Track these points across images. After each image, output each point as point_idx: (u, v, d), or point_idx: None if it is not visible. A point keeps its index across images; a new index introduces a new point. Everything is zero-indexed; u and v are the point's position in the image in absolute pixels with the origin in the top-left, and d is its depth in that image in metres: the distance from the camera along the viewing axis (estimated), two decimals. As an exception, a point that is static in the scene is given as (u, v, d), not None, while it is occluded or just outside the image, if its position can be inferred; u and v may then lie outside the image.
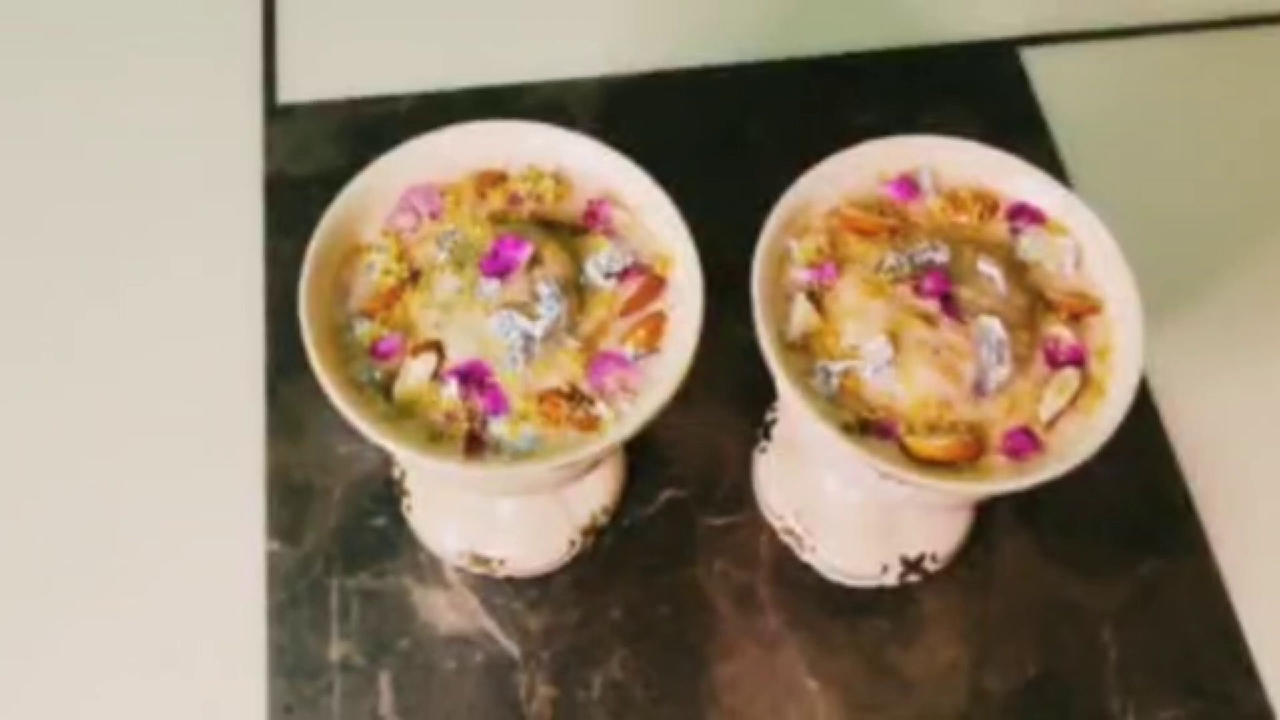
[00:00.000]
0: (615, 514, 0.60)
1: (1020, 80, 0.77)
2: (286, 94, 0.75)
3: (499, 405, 0.47)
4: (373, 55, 0.77)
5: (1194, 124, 0.77)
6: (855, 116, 0.75)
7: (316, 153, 0.72)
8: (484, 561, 0.59)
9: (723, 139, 0.73)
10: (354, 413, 0.45)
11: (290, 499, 0.61)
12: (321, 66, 0.76)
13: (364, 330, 0.48)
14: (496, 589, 0.59)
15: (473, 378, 0.47)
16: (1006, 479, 0.46)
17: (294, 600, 0.59)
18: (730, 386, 0.61)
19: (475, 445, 0.46)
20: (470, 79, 0.75)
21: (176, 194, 0.71)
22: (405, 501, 0.60)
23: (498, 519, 0.59)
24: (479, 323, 0.47)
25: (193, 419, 0.64)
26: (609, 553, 0.60)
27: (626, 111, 0.74)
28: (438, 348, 0.48)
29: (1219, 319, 0.69)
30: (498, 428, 0.47)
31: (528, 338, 0.47)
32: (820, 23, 0.79)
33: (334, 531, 0.60)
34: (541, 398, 0.47)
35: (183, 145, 0.73)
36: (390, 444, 0.45)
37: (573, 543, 0.59)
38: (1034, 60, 0.78)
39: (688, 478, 0.62)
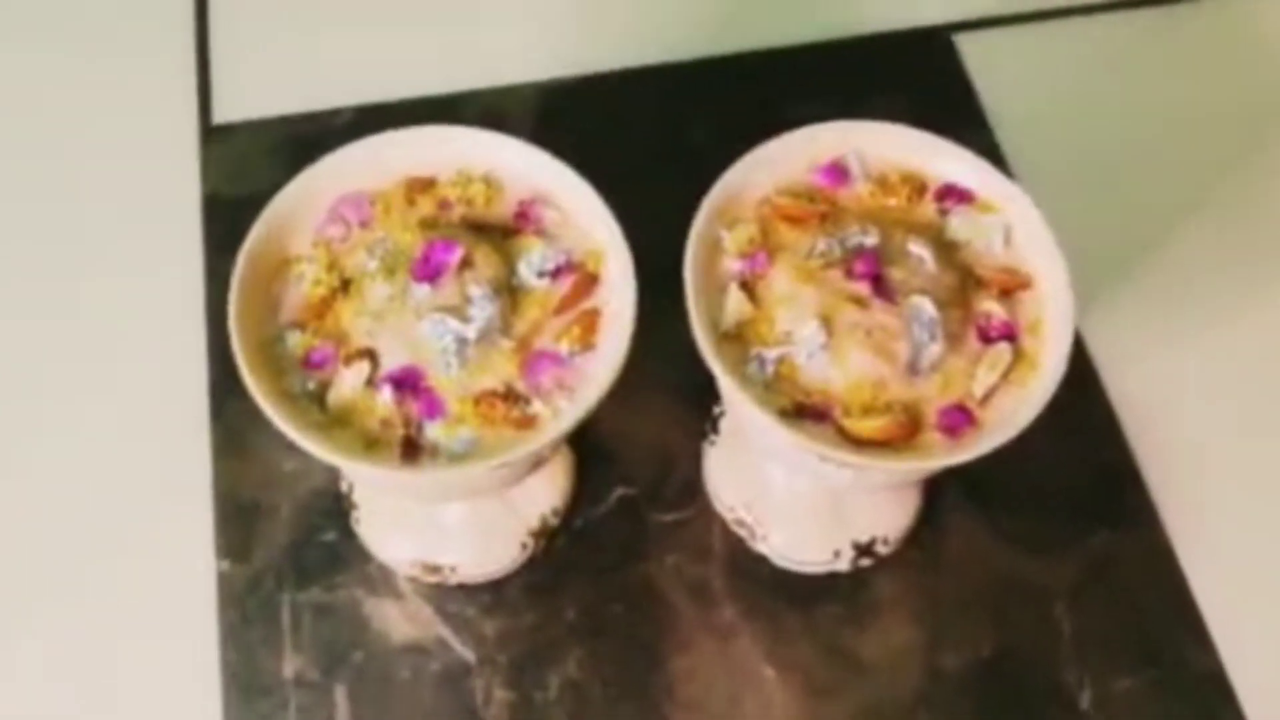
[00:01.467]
0: (566, 515, 0.60)
1: (955, 66, 0.78)
2: (222, 113, 0.74)
3: (434, 409, 0.47)
4: (309, 70, 0.76)
5: (1127, 102, 0.77)
6: (797, 110, 0.73)
7: (253, 171, 0.71)
8: (435, 570, 0.58)
9: (665, 138, 0.73)
10: (288, 424, 0.45)
11: (239, 517, 0.61)
12: (257, 84, 0.76)
13: (296, 341, 0.48)
14: (449, 596, 0.59)
15: (407, 383, 0.47)
16: (943, 455, 0.47)
17: (246, 618, 0.58)
18: (677, 382, 0.61)
19: (412, 450, 0.46)
20: (408, 90, 0.75)
21: (115, 216, 0.71)
22: (354, 515, 0.60)
23: (447, 526, 0.58)
24: (411, 328, 0.47)
25: (138, 440, 0.63)
26: (561, 554, 0.60)
27: (567, 114, 0.74)
28: (371, 355, 0.48)
29: (1157, 291, 0.70)
30: (434, 431, 0.47)
31: (461, 340, 0.47)
32: (759, 17, 0.79)
33: (284, 548, 0.60)
34: (477, 399, 0.47)
35: (120, 167, 0.72)
36: (325, 453, 0.45)
37: (524, 546, 0.59)
38: (968, 45, 0.79)
39: (638, 475, 0.62)
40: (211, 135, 0.74)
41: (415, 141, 0.52)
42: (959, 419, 0.48)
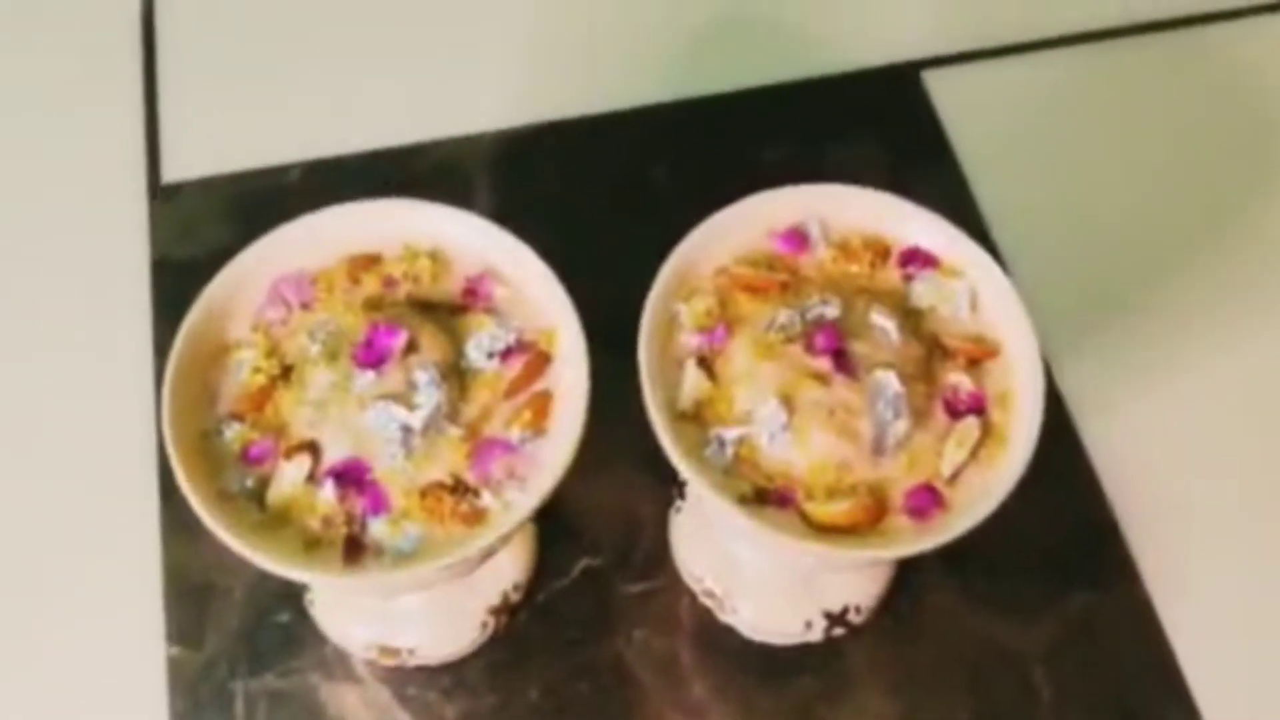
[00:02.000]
0: (529, 589, 0.58)
1: (923, 103, 0.76)
2: (171, 172, 0.72)
3: (379, 504, 0.45)
4: (259, 126, 0.74)
5: (1098, 135, 0.76)
6: (763, 152, 0.74)
7: (204, 232, 0.69)
8: (393, 652, 0.56)
9: (628, 186, 0.71)
10: (225, 529, 0.43)
11: (189, 600, 0.59)
12: (207, 142, 0.73)
13: (234, 434, 0.46)
14: (409, 679, 0.57)
15: (350, 477, 0.45)
16: (910, 542, 0.45)
17: (198, 706, 0.56)
18: (641, 448, 0.56)
19: (355, 549, 0.44)
20: (362, 143, 0.73)
21: (61, 281, 0.68)
22: (308, 596, 0.58)
23: (404, 608, 0.56)
24: (355, 418, 0.45)
25: (84, 519, 0.61)
26: (524, 631, 0.58)
27: (526, 163, 0.72)
28: (312, 448, 0.46)
29: (1135, 337, 0.68)
30: (378, 528, 0.45)
31: (406, 430, 0.45)
32: (721, 60, 0.77)
33: (237, 632, 0.58)
34: (424, 492, 0.45)
35: (66, 230, 0.70)
36: (261, 559, 0.43)
37: (484, 625, 0.57)
38: (935, 82, 0.77)
39: (603, 545, 0.60)
40: (160, 195, 0.72)
41: (357, 217, 0.50)
42: (926, 501, 0.46)
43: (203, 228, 0.70)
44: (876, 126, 0.76)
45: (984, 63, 0.79)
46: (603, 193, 0.71)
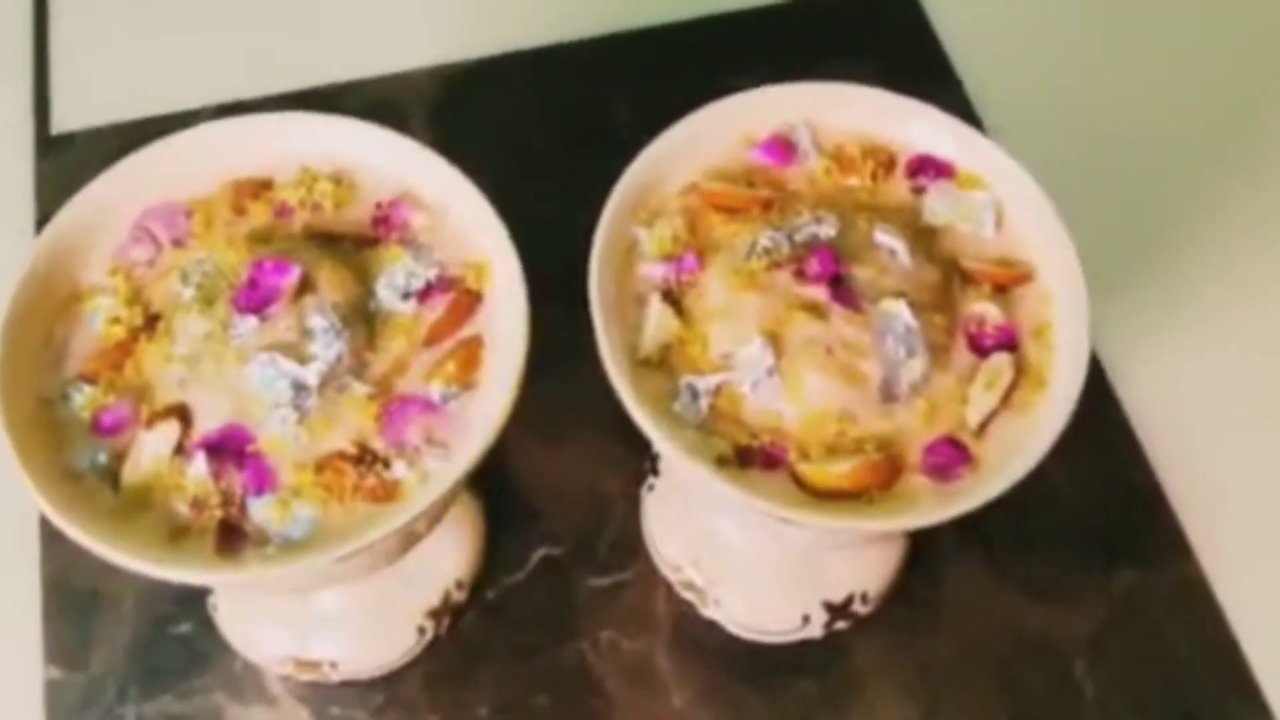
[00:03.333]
0: (476, 586, 0.51)
1: (920, 24, 0.69)
2: (61, 122, 0.65)
3: (263, 481, 0.37)
4: (163, 68, 0.67)
5: (1117, 57, 0.68)
6: (734, 81, 0.65)
7: (96, 186, 0.60)
8: (312, 665, 0.48)
9: (582, 124, 0.65)
10: (63, 515, 0.35)
11: (72, 611, 0.51)
12: (103, 86, 0.66)
13: (84, 399, 0.38)
14: (332, 697, 0.49)
15: (228, 448, 0.38)
16: (931, 508, 0.38)
17: None
18: (608, 414, 0.50)
19: (231, 538, 0.36)
20: (280, 84, 0.65)
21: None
22: (211, 600, 0.50)
23: (324, 611, 0.48)
24: (234, 374, 0.38)
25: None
26: (471, 635, 0.51)
27: (468, 102, 0.66)
28: (181, 413, 0.38)
29: (1170, 282, 0.61)
30: (262, 511, 0.37)
31: (298, 387, 0.38)
32: None
33: (128, 647, 0.51)
34: (320, 465, 0.38)
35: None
36: (111, 552, 0.35)
37: (422, 630, 0.49)
38: (935, 5, 0.69)
39: (564, 531, 0.53)
40: (49, 147, 0.63)
41: (242, 134, 0.43)
42: (950, 456, 0.39)
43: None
44: (866, 52, 0.68)
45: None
46: (555, 131, 0.64)
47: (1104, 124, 0.66)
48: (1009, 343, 0.40)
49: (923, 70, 0.67)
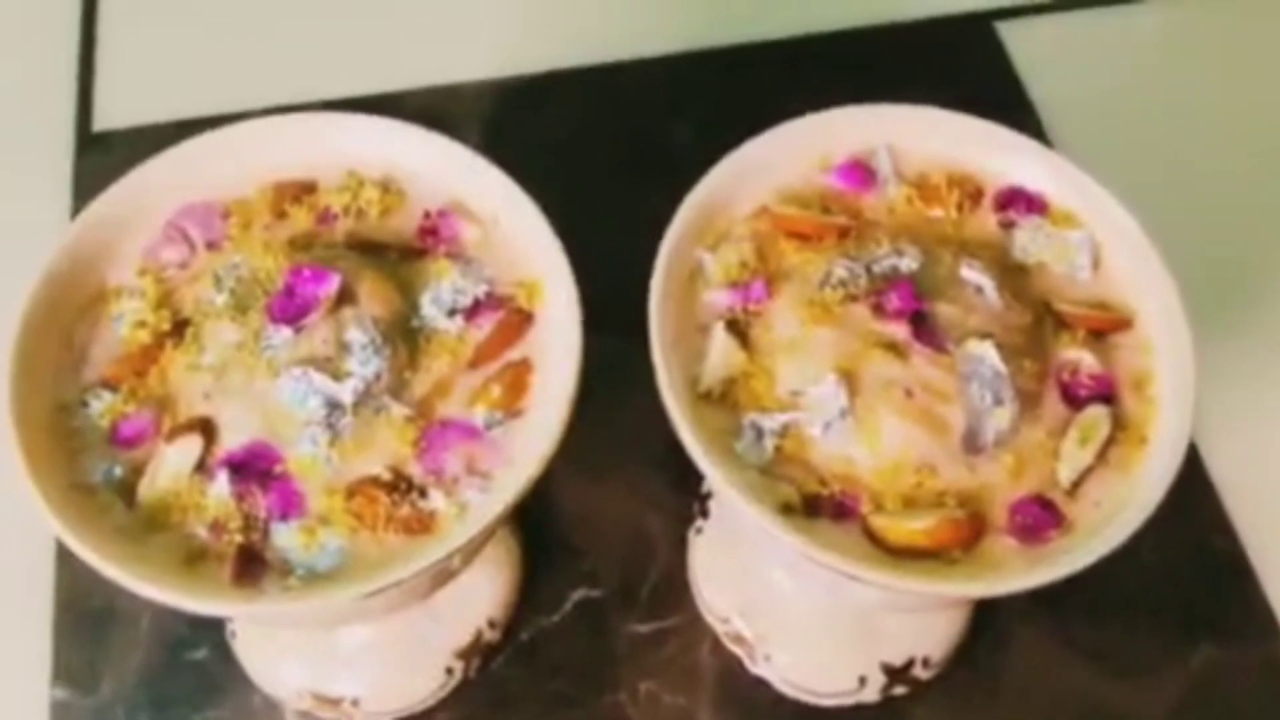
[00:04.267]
0: (509, 627, 0.49)
1: (998, 56, 0.66)
2: (104, 119, 0.63)
3: (289, 505, 0.35)
4: (212, 69, 0.65)
5: (1198, 97, 0.65)
6: (800, 107, 0.63)
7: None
8: (332, 702, 0.46)
9: (638, 146, 0.62)
10: (70, 530, 0.32)
11: (84, 630, 0.48)
12: (149, 85, 0.64)
13: (102, 407, 0.36)
14: None
15: (253, 468, 0.35)
16: (1019, 573, 0.34)
17: None
18: (657, 451, 0.48)
19: (250, 565, 0.34)
20: (328, 90, 0.63)
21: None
22: (230, 627, 0.47)
23: (349, 645, 0.45)
24: (264, 388, 0.35)
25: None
26: (502, 680, 0.48)
27: (522, 119, 0.63)
28: (205, 427, 0.35)
29: (1263, 335, 0.57)
30: (286, 537, 0.34)
31: (332, 406, 0.35)
32: (754, 4, 0.68)
33: (140, 671, 0.48)
34: (351, 491, 0.35)
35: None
36: (119, 574, 0.32)
37: (450, 671, 0.46)
38: (1012, 34, 0.67)
39: (605, 572, 0.51)
40: (90, 144, 0.62)
41: (288, 133, 0.40)
42: (1039, 517, 0.36)
43: (136, 183, 0.59)
44: (940, 81, 0.63)
45: (1067, 14, 0.69)
46: (611, 152, 0.62)
47: (1186, 161, 0.62)
48: (1106, 394, 0.38)
49: (997, 99, 0.64)
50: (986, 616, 0.49)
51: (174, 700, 0.47)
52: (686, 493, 0.51)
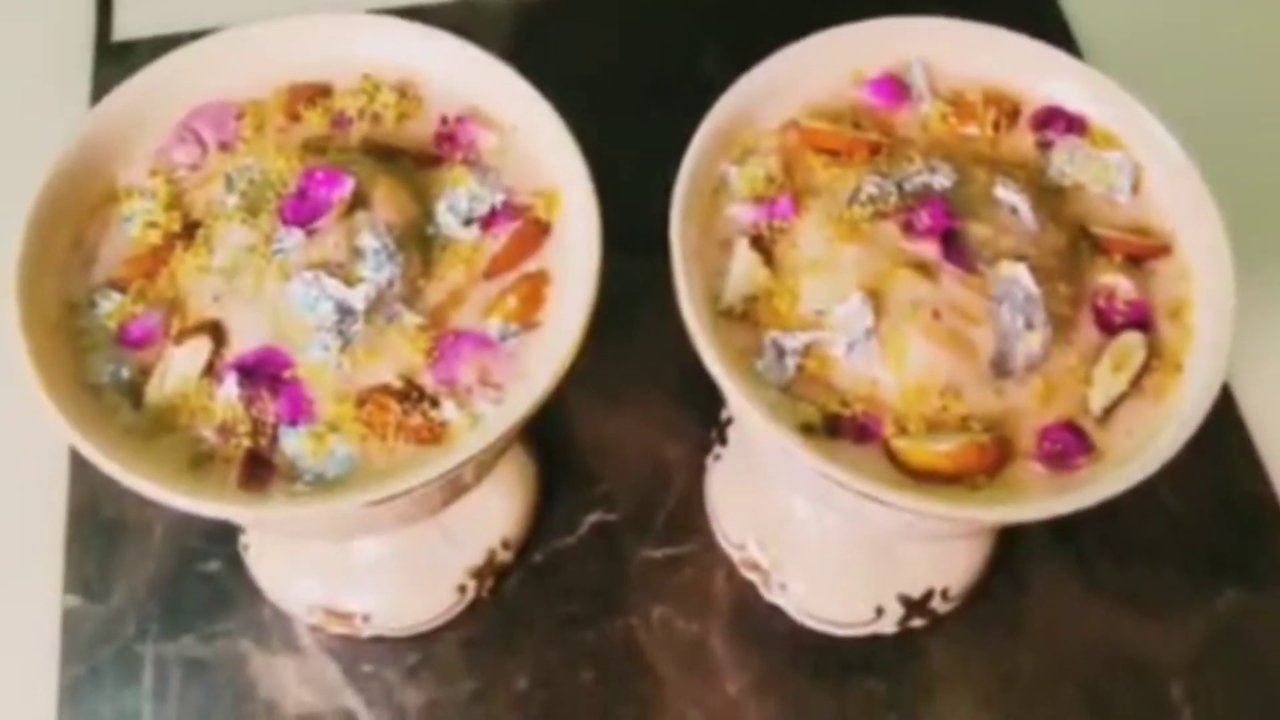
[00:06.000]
0: (522, 547, 0.48)
1: None
2: (123, 29, 0.62)
3: (298, 411, 0.34)
4: None
5: (1239, 14, 0.63)
6: (831, 22, 0.61)
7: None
8: (344, 617, 0.45)
9: (668, 64, 0.61)
10: (77, 428, 0.32)
11: (96, 539, 0.48)
12: None
13: (111, 307, 0.36)
14: (363, 653, 0.46)
15: (262, 372, 0.35)
16: (1044, 499, 0.34)
17: (94, 673, 0.46)
18: (675, 376, 0.49)
19: (258, 470, 0.33)
20: (351, 3, 0.61)
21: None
22: (242, 539, 0.47)
23: (358, 560, 0.45)
24: (274, 292, 0.35)
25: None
26: (514, 600, 0.48)
27: (545, 37, 0.62)
28: (214, 330, 0.35)
29: None
30: (294, 443, 0.34)
31: (344, 311, 0.35)
32: None
33: (151, 580, 0.48)
34: (362, 399, 0.35)
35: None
36: (124, 473, 0.31)
37: (463, 589, 0.46)
38: None
39: (620, 496, 0.50)
40: (109, 54, 0.61)
41: (303, 34, 0.40)
42: (1069, 443, 0.35)
43: (156, 94, 0.58)
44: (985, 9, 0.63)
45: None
46: (636, 71, 0.61)
47: (1224, 81, 0.61)
48: (1141, 321, 0.36)
49: (1030, 12, 0.61)
50: (1006, 553, 0.48)
51: (185, 611, 0.47)
52: (705, 419, 0.50)
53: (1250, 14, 0.63)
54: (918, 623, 0.47)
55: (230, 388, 0.33)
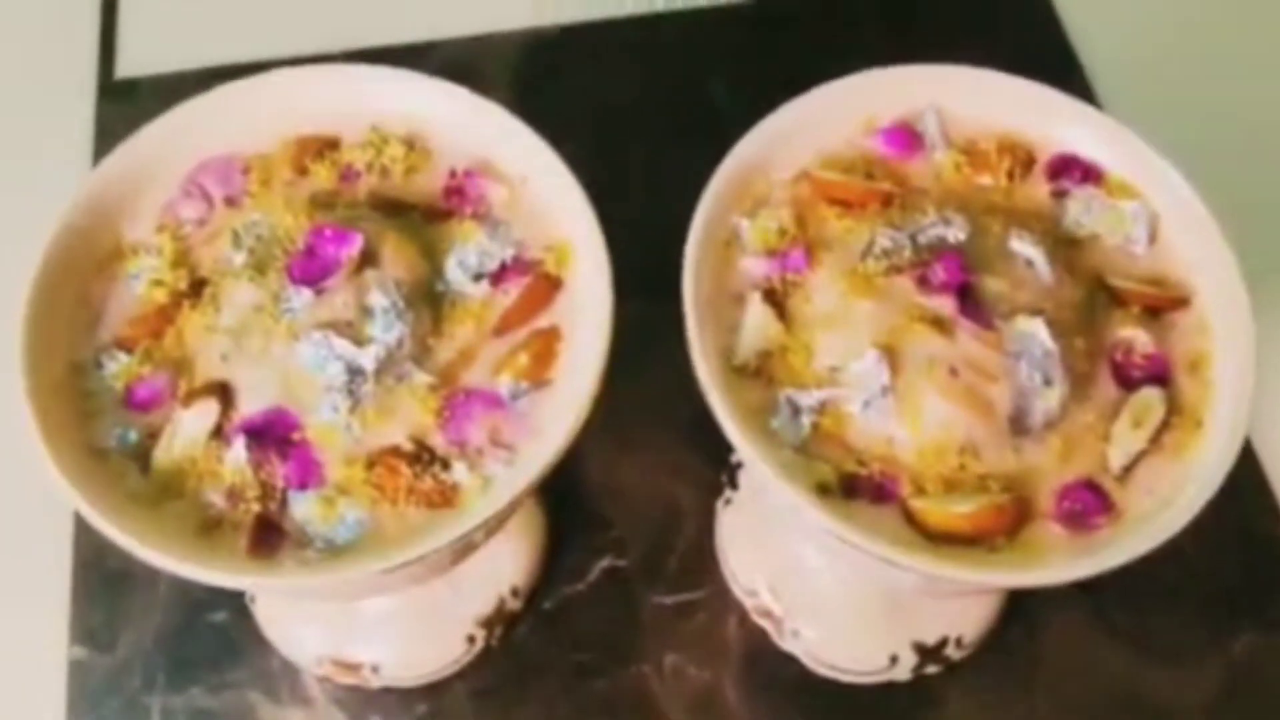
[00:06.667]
0: (532, 595, 0.48)
1: (1046, 14, 0.64)
2: (127, 67, 0.62)
3: (308, 474, 0.34)
4: (235, 17, 0.64)
5: (1254, 61, 0.63)
6: (844, 67, 0.61)
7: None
8: (352, 668, 0.45)
9: (673, 102, 0.61)
10: (83, 496, 0.31)
11: (103, 589, 0.48)
12: (172, 31, 0.63)
13: (117, 368, 0.35)
14: (372, 704, 0.46)
15: (271, 435, 0.34)
16: (1064, 561, 0.33)
17: None
18: (686, 420, 0.46)
19: (268, 536, 0.33)
20: (358, 39, 0.62)
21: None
22: (249, 592, 0.46)
23: (369, 612, 0.45)
24: (283, 352, 0.34)
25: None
26: (524, 649, 0.47)
27: (554, 73, 0.62)
28: (223, 392, 0.35)
29: None
30: (304, 507, 0.33)
31: (353, 372, 0.34)
32: None
33: (158, 631, 0.48)
34: (372, 461, 0.34)
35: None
36: (132, 543, 0.31)
37: (472, 639, 0.46)
38: None
39: (631, 541, 0.50)
40: (112, 92, 0.61)
41: (310, 85, 0.39)
42: (1088, 502, 0.35)
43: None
44: (987, 40, 0.63)
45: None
46: (646, 109, 0.60)
47: (1241, 129, 0.60)
48: (1160, 375, 0.36)
49: (1044, 59, 0.61)
50: (1021, 599, 0.48)
51: (192, 662, 0.47)
52: (715, 463, 0.50)
53: (1269, 61, 0.63)
54: (932, 670, 0.46)
55: (239, 451, 0.33)
